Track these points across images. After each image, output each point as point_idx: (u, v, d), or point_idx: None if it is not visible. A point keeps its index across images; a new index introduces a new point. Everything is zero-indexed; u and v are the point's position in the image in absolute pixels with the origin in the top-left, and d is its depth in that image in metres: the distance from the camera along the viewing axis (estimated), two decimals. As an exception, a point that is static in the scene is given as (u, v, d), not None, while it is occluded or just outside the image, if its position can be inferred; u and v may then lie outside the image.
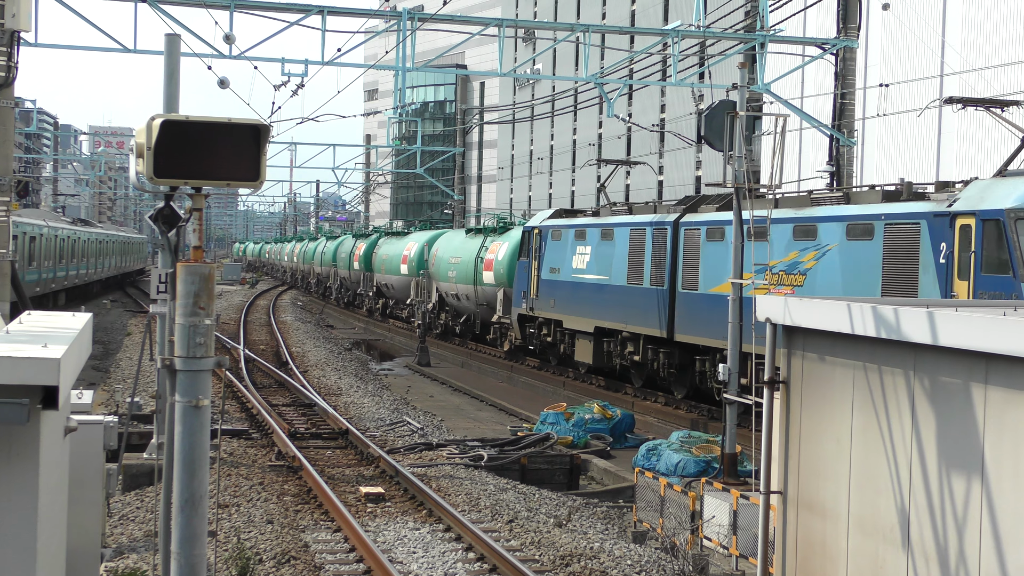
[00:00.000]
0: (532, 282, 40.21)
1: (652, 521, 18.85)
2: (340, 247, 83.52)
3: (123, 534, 17.25)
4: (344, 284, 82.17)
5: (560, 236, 38.36)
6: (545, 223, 40.17)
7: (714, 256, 28.74)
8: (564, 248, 37.91)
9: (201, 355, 6.32)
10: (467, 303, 50.08)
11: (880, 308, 9.55)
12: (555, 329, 38.94)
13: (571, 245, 37.22)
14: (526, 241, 41.50)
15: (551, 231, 39.18)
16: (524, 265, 41.37)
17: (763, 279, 23.60)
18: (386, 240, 68.46)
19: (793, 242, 26.05)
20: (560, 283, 38.05)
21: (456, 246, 52.29)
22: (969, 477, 8.73)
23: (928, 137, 56.54)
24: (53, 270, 56.29)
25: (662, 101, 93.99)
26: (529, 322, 41.16)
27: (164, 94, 18.08)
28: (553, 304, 38.51)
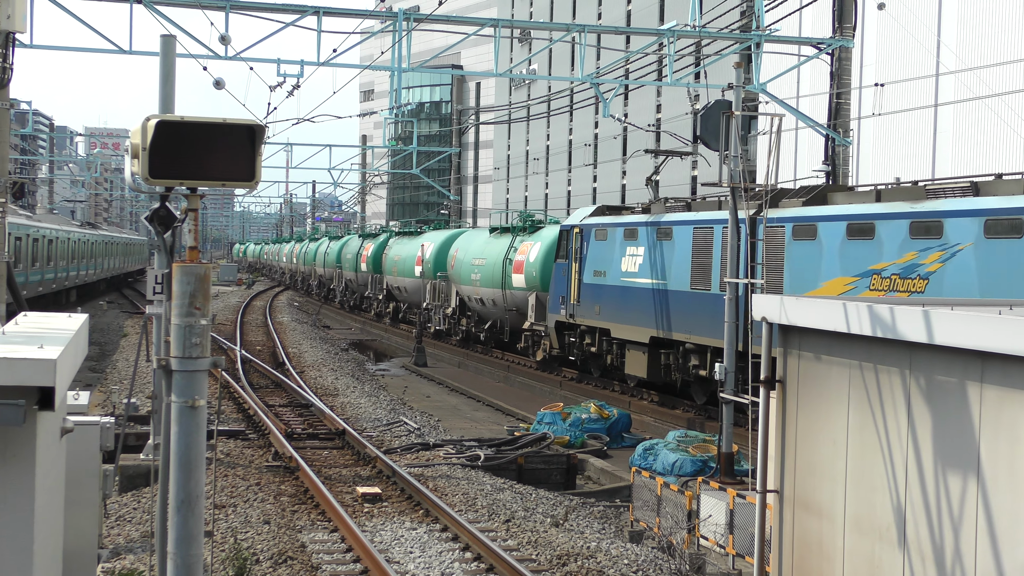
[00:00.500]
0: (572, 286, 36.85)
1: (649, 520, 18.86)
2: (345, 248, 79.92)
3: (120, 535, 17.24)
4: (350, 287, 78.38)
5: (606, 235, 34.83)
6: (587, 221, 36.50)
7: (803, 257, 25.60)
8: (611, 249, 34.39)
9: (197, 355, 6.32)
10: (493, 308, 46.69)
11: (876, 307, 9.56)
12: (600, 339, 35.44)
13: (620, 245, 33.64)
14: (564, 241, 37.89)
15: (594, 230, 35.64)
16: (562, 268, 37.89)
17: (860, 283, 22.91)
18: (397, 240, 64.76)
19: (910, 241, 22.97)
20: (607, 288, 34.67)
21: (479, 247, 48.74)
22: (965, 476, 8.74)
23: (924, 136, 56.58)
24: (66, 269, 62.42)
25: (658, 101, 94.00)
26: (568, 330, 37.78)
27: (160, 95, 18.07)
28: (598, 311, 35.13)
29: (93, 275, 76.63)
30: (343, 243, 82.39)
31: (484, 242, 48.47)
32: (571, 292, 36.72)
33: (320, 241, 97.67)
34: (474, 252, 48.70)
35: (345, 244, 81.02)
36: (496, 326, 47.26)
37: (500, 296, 44.96)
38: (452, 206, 78.44)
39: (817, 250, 25.02)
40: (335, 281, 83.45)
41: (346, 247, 79.56)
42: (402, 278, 60.42)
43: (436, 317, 53.12)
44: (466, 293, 49.31)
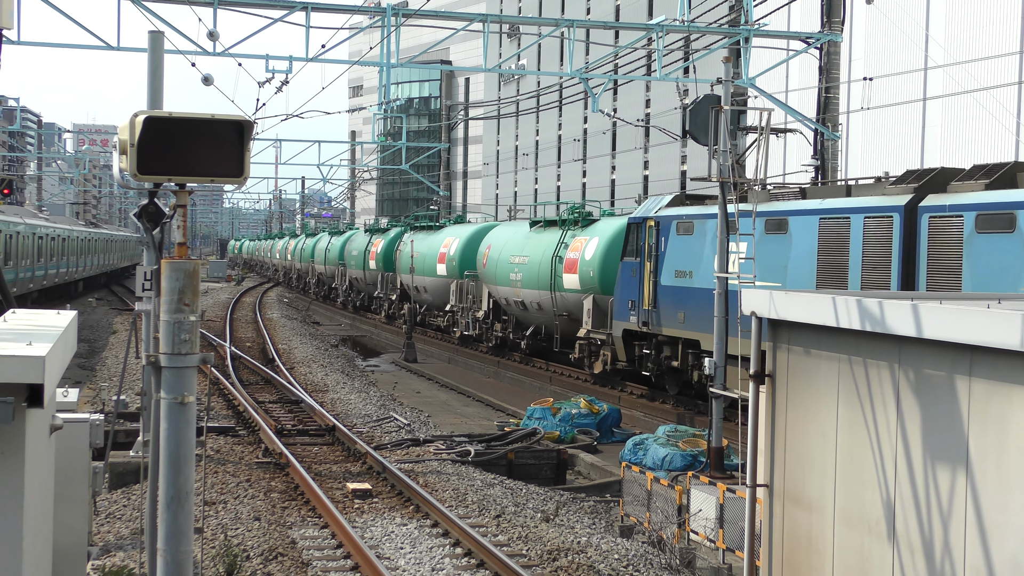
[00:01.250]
0: (645, 289, 31.82)
1: (639, 515, 18.88)
2: (350, 244, 74.20)
3: (110, 532, 17.22)
4: (355, 286, 72.61)
5: (691, 229, 29.71)
6: (665, 213, 31.16)
7: (994, 254, 20.42)
8: (698, 244, 29.17)
9: (186, 352, 6.31)
10: (538, 313, 40.92)
11: (865, 301, 9.58)
12: (685, 351, 30.29)
13: (711, 240, 27.91)
14: (632, 236, 32.73)
15: (676, 223, 30.38)
16: (630, 267, 32.70)
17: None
18: (413, 236, 58.41)
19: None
20: (694, 291, 29.35)
21: (519, 243, 43.22)
22: (954, 469, 8.76)
23: (912, 130, 56.68)
24: (76, 264, 71.06)
25: (647, 96, 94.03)
26: (640, 340, 32.71)
27: (148, 91, 18.05)
28: (682, 319, 29.95)
29: (96, 269, 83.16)
30: (346, 238, 77.39)
31: (524, 238, 43.24)
32: (644, 296, 31.90)
33: (319, 236, 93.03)
34: (512, 248, 43.32)
35: (349, 240, 75.93)
36: (540, 333, 41.98)
37: (547, 299, 39.50)
38: (441, 202, 78.29)
39: (1017, 244, 20.02)
40: (337, 280, 78.60)
41: (351, 243, 74.56)
42: (422, 277, 54.69)
43: (463, 321, 48.04)
44: (503, 295, 43.80)
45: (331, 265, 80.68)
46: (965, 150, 52.86)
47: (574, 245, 38.18)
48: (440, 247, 52.57)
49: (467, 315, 47.89)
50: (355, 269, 70.67)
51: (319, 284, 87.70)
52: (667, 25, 31.30)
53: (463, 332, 47.56)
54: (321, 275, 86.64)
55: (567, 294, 38.12)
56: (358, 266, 69.37)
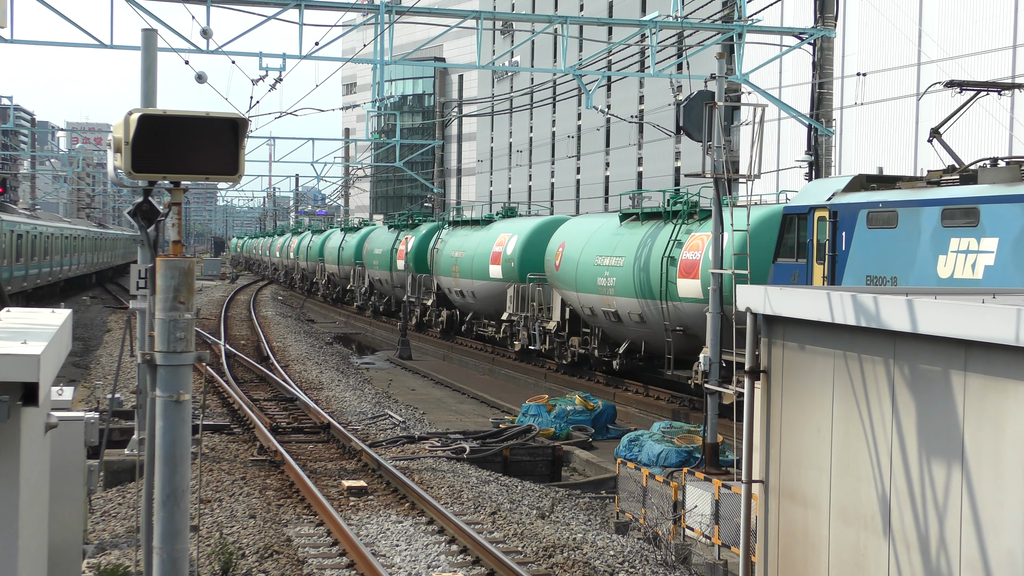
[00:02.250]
0: None
1: (635, 512, 18.88)
2: (370, 242, 66.58)
3: (105, 530, 17.21)
4: (376, 288, 65.28)
5: (894, 220, 22.48)
6: (846, 200, 23.95)
7: None
8: (908, 240, 22.03)
9: (181, 350, 6.31)
10: (638, 326, 33.11)
11: (860, 296, 9.58)
12: None
13: (933, 235, 21.33)
14: (792, 231, 25.73)
15: (866, 213, 23.24)
16: (788, 271, 25.61)
17: None
18: (453, 233, 50.95)
19: None
20: None
21: (607, 240, 35.00)
22: (949, 464, 8.77)
23: (906, 126, 56.72)
24: (85, 259, 74.30)
25: (641, 92, 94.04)
26: None
27: (141, 89, 18.03)
28: None
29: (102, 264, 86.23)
30: (364, 235, 70.17)
31: (614, 234, 35.09)
32: None
33: (329, 233, 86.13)
34: (598, 247, 35.33)
35: (368, 237, 68.38)
36: (638, 351, 34.49)
37: (655, 310, 31.69)
38: (436, 199, 78.26)
39: None
40: (354, 281, 70.48)
41: (371, 241, 66.59)
42: (468, 280, 46.42)
43: (527, 333, 40.29)
44: (586, 303, 35.90)
45: (346, 265, 73.15)
46: (959, 145, 52.83)
47: (691, 243, 30.31)
48: (492, 245, 44.73)
49: (533, 326, 39.58)
50: (378, 270, 62.80)
51: (330, 285, 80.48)
52: (660, 21, 31.30)
53: (526, 346, 40.04)
54: (333, 276, 78.96)
55: (683, 304, 30.42)
56: (382, 266, 61.45)
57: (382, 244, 62.79)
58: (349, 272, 72.78)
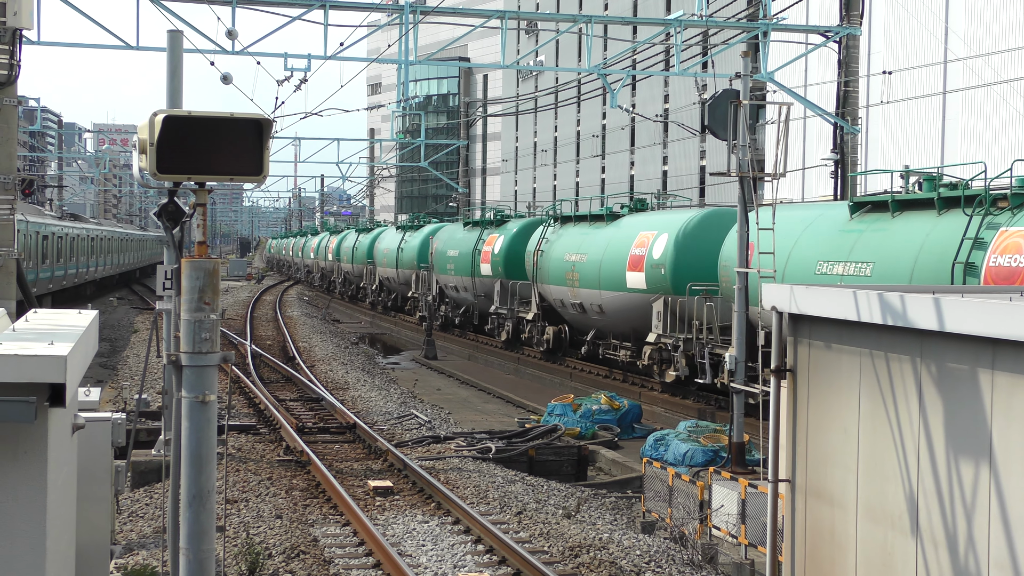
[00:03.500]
0: None
1: (661, 511, 18.85)
2: (438, 242, 55.77)
3: (132, 531, 17.28)
4: (450, 297, 54.46)
5: None
6: None
7: None
8: None
9: (207, 350, 6.32)
10: None
11: (886, 295, 9.54)
12: None
13: None
14: None
15: None
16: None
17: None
18: (564, 231, 40.69)
19: None
20: None
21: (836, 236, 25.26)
22: (977, 463, 8.72)
23: (932, 124, 56.46)
24: (111, 260, 76.03)
25: (665, 91, 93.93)
26: None
27: (167, 90, 18.09)
28: None
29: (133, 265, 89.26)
30: (427, 235, 59.52)
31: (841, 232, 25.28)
32: None
33: (379, 232, 75.03)
34: (822, 247, 25.41)
35: (435, 236, 57.59)
36: None
37: None
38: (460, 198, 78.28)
39: None
40: (417, 287, 60.12)
41: (439, 241, 55.91)
42: (593, 291, 37.02)
43: (684, 360, 31.42)
44: None
45: (405, 269, 63.28)
46: (986, 143, 52.62)
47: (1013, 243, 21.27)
48: (630, 247, 35.02)
49: (700, 351, 30.08)
50: (453, 275, 52.54)
51: (381, 292, 70.47)
52: (685, 20, 31.25)
53: (686, 376, 31.62)
54: (387, 281, 68.72)
55: None
56: (461, 271, 51.13)
57: (458, 245, 52.32)
58: (410, 277, 62.26)
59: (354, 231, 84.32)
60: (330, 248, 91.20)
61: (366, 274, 74.92)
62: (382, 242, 69.96)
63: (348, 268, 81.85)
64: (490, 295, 47.34)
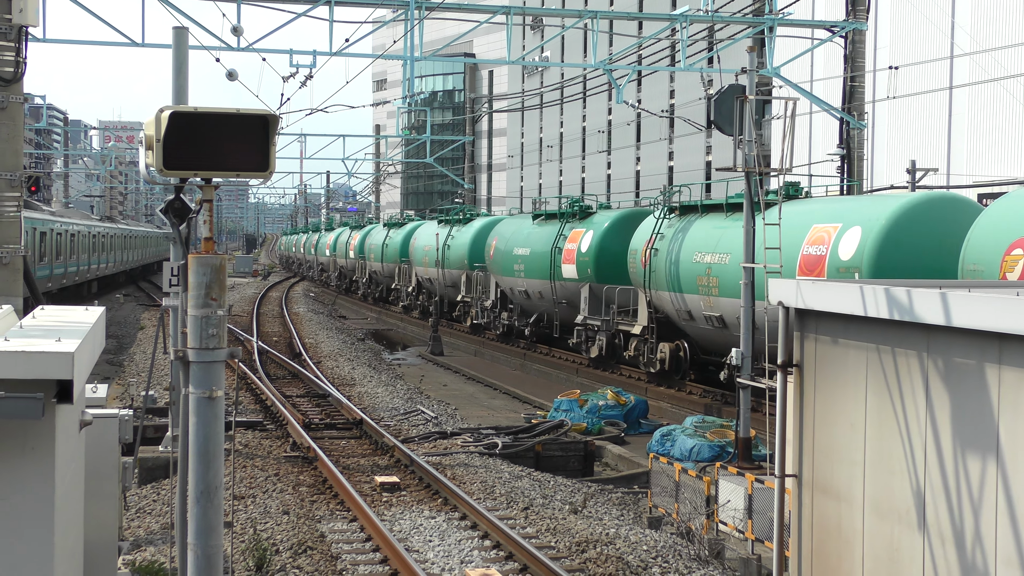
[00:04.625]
0: None
1: (667, 506, 18.85)
2: (500, 236, 47.22)
3: (140, 527, 17.31)
4: (514, 303, 46.01)
5: None
6: None
7: None
8: None
9: (214, 346, 6.32)
10: None
11: (893, 290, 9.53)
12: None
13: None
14: None
15: None
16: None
17: None
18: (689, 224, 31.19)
19: None
20: None
21: None
22: (984, 458, 8.72)
23: (939, 119, 56.39)
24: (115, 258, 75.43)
25: (671, 87, 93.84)
26: None
27: (173, 87, 18.09)
28: None
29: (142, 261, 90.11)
30: (480, 230, 51.45)
31: None
32: None
33: (414, 227, 65.99)
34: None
35: (495, 230, 48.80)
36: None
37: None
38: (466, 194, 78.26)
39: None
40: (470, 290, 51.43)
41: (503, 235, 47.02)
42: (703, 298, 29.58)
43: None
44: None
45: (453, 269, 53.82)
46: (992, 138, 52.56)
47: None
48: (801, 243, 25.73)
49: None
50: (522, 278, 43.90)
51: (420, 294, 61.34)
52: (691, 15, 31.21)
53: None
54: (427, 282, 59.07)
55: None
56: (535, 273, 42.59)
57: (527, 241, 44.18)
58: (458, 279, 53.30)
59: (382, 226, 75.85)
60: (352, 245, 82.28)
61: (399, 274, 65.76)
62: (420, 238, 61.06)
63: (376, 267, 72.37)
64: (574, 302, 39.46)
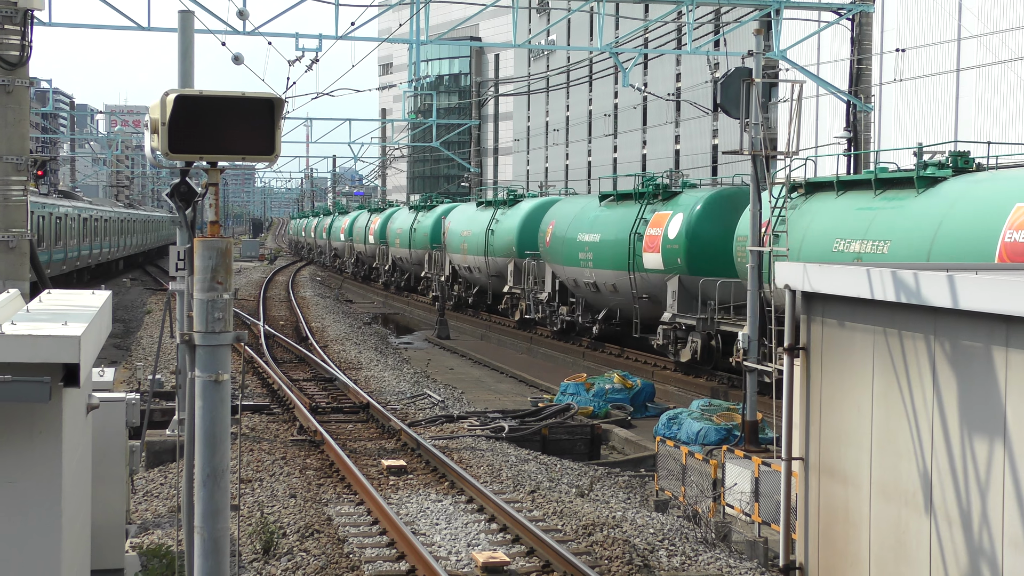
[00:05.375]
0: None
1: (674, 489, 18.87)
2: (558, 220, 41.75)
3: (147, 510, 17.34)
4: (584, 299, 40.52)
5: None
6: None
7: None
8: None
9: (220, 330, 6.32)
10: None
11: (899, 272, 9.52)
12: None
13: None
14: None
15: None
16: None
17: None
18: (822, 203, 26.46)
19: None
20: None
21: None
22: (991, 440, 8.71)
23: (946, 102, 56.23)
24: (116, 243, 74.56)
25: (677, 70, 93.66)
26: None
27: (179, 71, 18.07)
28: None
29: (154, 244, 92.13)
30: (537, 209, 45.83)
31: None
32: None
33: (446, 210, 59.44)
34: None
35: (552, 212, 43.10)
36: None
37: None
38: (473, 178, 78.14)
39: None
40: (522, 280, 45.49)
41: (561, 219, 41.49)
42: None
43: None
44: None
45: (498, 256, 47.91)
46: (1000, 121, 52.40)
47: None
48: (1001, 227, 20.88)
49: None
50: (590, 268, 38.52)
51: (455, 284, 55.22)
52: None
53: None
54: (465, 271, 52.76)
55: None
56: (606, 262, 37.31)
57: (594, 225, 38.81)
58: (504, 268, 47.29)
59: (408, 209, 70.58)
60: (372, 229, 75.80)
61: (430, 262, 60.06)
62: (454, 222, 55.36)
63: (402, 254, 67.14)
64: (657, 297, 34.85)
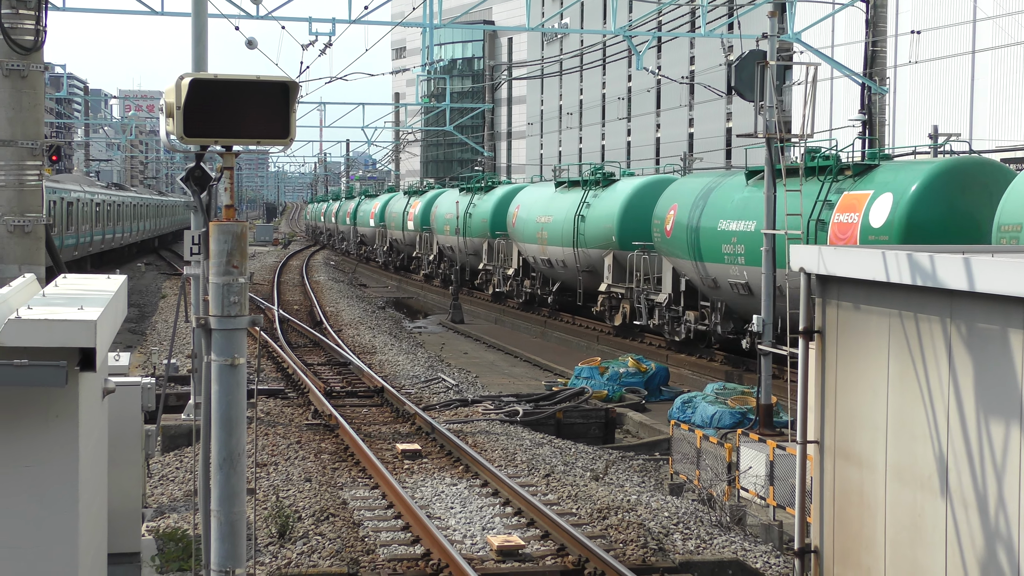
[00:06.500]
0: None
1: (689, 473, 18.87)
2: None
3: (163, 494, 17.39)
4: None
5: None
6: None
7: None
8: None
9: (235, 314, 6.33)
10: None
11: (915, 255, 9.49)
12: None
13: None
14: None
15: None
16: None
17: None
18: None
19: None
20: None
21: None
22: (1008, 423, 8.69)
23: (961, 84, 56.02)
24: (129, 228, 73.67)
25: (691, 53, 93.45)
26: None
27: (192, 56, 18.07)
28: None
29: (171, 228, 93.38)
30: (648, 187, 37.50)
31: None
32: None
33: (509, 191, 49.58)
34: None
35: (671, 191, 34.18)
36: None
37: None
38: (486, 162, 78.10)
39: None
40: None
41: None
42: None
43: None
44: None
45: (592, 248, 38.94)
46: (1015, 103, 52.20)
47: None
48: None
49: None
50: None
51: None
52: (711, -20, 31.01)
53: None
54: (543, 264, 43.27)
55: None
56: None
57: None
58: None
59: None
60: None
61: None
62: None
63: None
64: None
